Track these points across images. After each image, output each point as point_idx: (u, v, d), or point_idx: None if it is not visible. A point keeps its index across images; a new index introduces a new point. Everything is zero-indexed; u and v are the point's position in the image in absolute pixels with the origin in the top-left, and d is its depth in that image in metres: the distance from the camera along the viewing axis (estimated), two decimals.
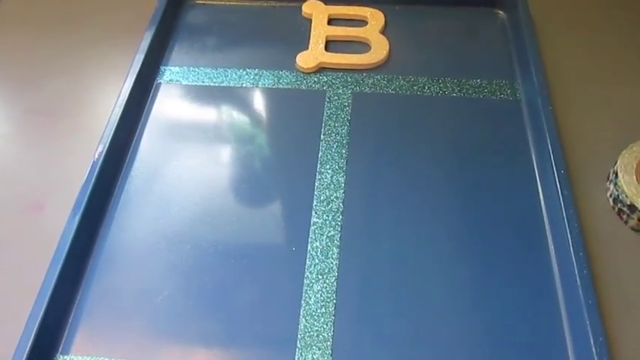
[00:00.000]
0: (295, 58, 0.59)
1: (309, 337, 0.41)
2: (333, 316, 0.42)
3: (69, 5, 0.67)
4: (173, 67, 0.60)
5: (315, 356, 0.41)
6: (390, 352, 0.41)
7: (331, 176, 0.50)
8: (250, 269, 0.45)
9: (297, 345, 0.41)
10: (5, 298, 0.44)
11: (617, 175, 0.47)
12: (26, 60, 0.61)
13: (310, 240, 0.46)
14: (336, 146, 0.52)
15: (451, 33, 0.62)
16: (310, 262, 0.45)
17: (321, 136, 0.53)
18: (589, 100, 0.55)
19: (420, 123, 0.54)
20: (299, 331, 0.42)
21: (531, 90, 0.54)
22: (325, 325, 0.42)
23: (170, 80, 0.59)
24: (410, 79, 0.58)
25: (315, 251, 0.46)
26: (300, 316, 0.42)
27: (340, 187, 0.50)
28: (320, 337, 0.41)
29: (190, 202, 0.49)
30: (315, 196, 0.49)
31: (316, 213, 0.48)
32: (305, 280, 0.44)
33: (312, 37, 0.61)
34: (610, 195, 0.48)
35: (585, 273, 0.41)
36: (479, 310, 0.43)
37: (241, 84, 0.58)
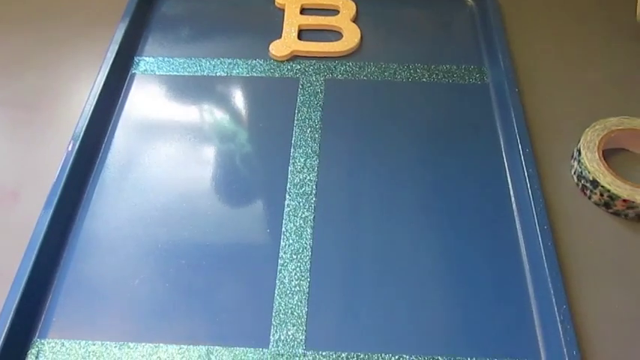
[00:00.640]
0: (269, 47, 0.60)
1: (283, 315, 0.42)
2: (307, 294, 0.43)
3: None
4: (147, 58, 0.60)
5: (290, 332, 0.42)
6: (363, 326, 0.42)
7: (304, 160, 0.51)
8: (226, 251, 0.46)
9: (272, 322, 0.42)
10: None
11: (580, 153, 0.48)
12: (0, 53, 0.61)
13: (284, 222, 0.47)
14: (310, 131, 0.53)
15: (421, 21, 0.64)
16: (285, 243, 0.46)
17: (295, 122, 0.54)
18: (554, 83, 0.57)
19: (392, 108, 0.55)
20: (274, 309, 0.43)
21: (498, 74, 0.56)
22: (300, 303, 0.43)
23: (144, 71, 0.59)
24: (381, 65, 0.59)
25: (289, 232, 0.47)
26: (275, 295, 0.43)
27: (313, 170, 0.51)
28: (294, 314, 0.42)
29: (165, 188, 0.50)
30: (289, 180, 0.50)
31: (290, 196, 0.49)
32: (279, 260, 0.45)
33: (285, 26, 0.62)
34: (574, 172, 0.49)
35: (549, 245, 0.43)
36: (450, 286, 0.44)
37: (215, 73, 0.59)
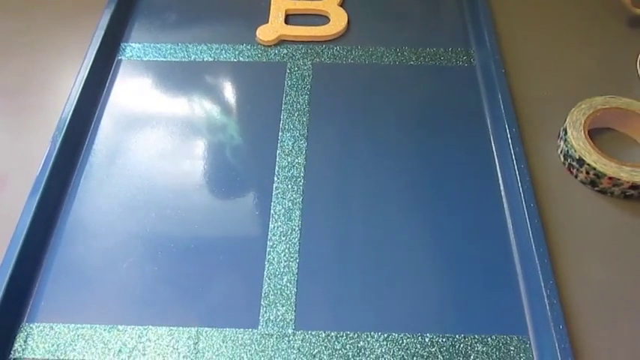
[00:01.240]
0: (256, 31, 0.60)
1: (272, 295, 0.42)
2: (296, 275, 0.44)
3: None
4: (134, 44, 0.60)
5: (280, 312, 0.42)
6: (352, 306, 0.42)
7: (293, 143, 0.51)
8: (214, 233, 0.46)
9: (262, 303, 0.42)
10: None
11: (566, 132, 0.49)
12: None
13: (273, 204, 0.47)
14: (297, 114, 0.53)
15: (408, 4, 0.64)
16: (273, 225, 0.46)
17: (283, 106, 0.54)
18: (540, 64, 0.57)
19: (379, 91, 0.55)
20: (263, 290, 0.43)
21: (485, 56, 0.56)
22: (289, 284, 0.43)
23: (131, 57, 0.59)
24: (368, 49, 0.59)
25: (278, 214, 0.47)
26: (264, 276, 0.43)
27: (302, 153, 0.51)
28: (283, 294, 0.43)
29: (153, 172, 0.50)
30: (277, 163, 0.50)
31: (278, 178, 0.49)
32: (268, 242, 0.45)
33: (271, 10, 0.62)
34: (560, 151, 0.50)
35: (536, 223, 0.43)
36: (438, 264, 0.44)
37: (202, 59, 0.58)
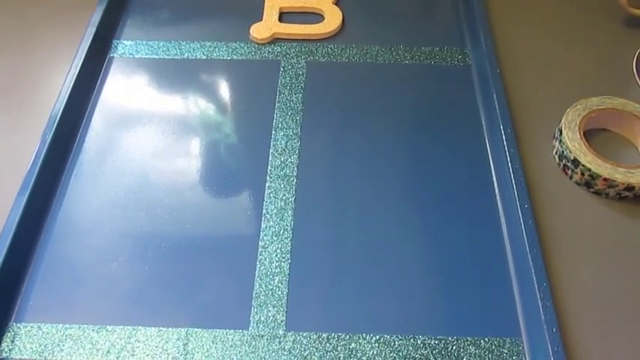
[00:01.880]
0: (249, 29, 0.59)
1: (264, 296, 0.42)
2: (287, 276, 0.43)
3: None
4: (126, 41, 0.59)
5: (271, 314, 0.41)
6: (344, 307, 0.42)
7: (286, 142, 0.51)
8: (205, 233, 0.45)
9: (253, 304, 0.42)
10: None
11: (561, 132, 0.48)
12: None
13: (265, 204, 0.47)
14: (291, 113, 0.53)
15: (403, 2, 0.63)
16: (265, 225, 0.46)
17: (276, 105, 0.53)
18: (536, 64, 0.56)
19: (374, 90, 0.55)
20: (254, 291, 0.42)
21: (480, 55, 0.55)
22: (280, 284, 0.43)
23: (123, 54, 0.58)
24: (363, 47, 0.58)
25: (270, 214, 0.46)
26: (256, 276, 0.43)
27: (295, 152, 0.50)
28: (275, 295, 0.42)
29: (144, 171, 0.49)
30: (270, 162, 0.49)
31: (270, 178, 0.48)
32: (260, 242, 0.45)
33: (265, 8, 0.61)
34: (556, 152, 0.49)
35: (530, 224, 0.43)
36: (431, 266, 0.44)
37: (195, 56, 0.58)
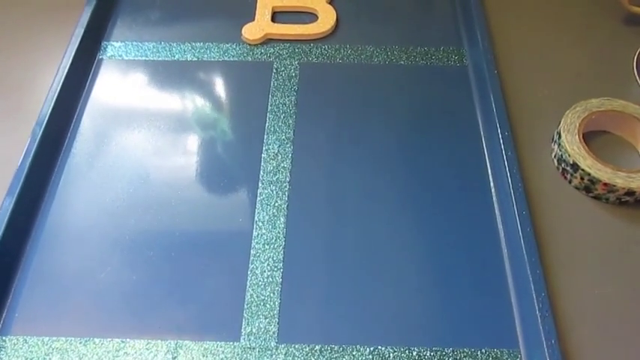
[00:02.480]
0: (241, 30, 0.58)
1: (255, 307, 0.41)
2: (279, 286, 0.42)
3: None
4: (115, 43, 0.58)
5: (262, 325, 0.40)
6: (338, 318, 0.41)
7: (278, 147, 0.49)
8: (196, 241, 0.44)
9: (244, 315, 0.41)
10: None
11: (560, 136, 0.47)
12: None
13: (257, 211, 0.46)
14: (284, 117, 0.52)
15: (399, 2, 0.62)
16: (257, 232, 0.45)
17: (269, 107, 0.52)
18: (534, 65, 0.55)
19: (368, 91, 0.54)
20: (245, 301, 0.41)
21: (477, 55, 0.54)
22: (272, 295, 0.42)
23: (112, 56, 0.57)
24: (357, 48, 0.57)
25: (262, 221, 0.45)
26: (247, 286, 0.42)
27: (287, 157, 0.49)
28: (267, 306, 0.41)
29: (133, 176, 0.48)
30: (262, 167, 0.48)
31: (263, 184, 0.47)
32: (252, 251, 0.44)
33: (258, 8, 0.60)
34: (554, 156, 0.48)
35: (528, 232, 0.42)
36: (428, 275, 0.43)
37: (186, 58, 0.57)
